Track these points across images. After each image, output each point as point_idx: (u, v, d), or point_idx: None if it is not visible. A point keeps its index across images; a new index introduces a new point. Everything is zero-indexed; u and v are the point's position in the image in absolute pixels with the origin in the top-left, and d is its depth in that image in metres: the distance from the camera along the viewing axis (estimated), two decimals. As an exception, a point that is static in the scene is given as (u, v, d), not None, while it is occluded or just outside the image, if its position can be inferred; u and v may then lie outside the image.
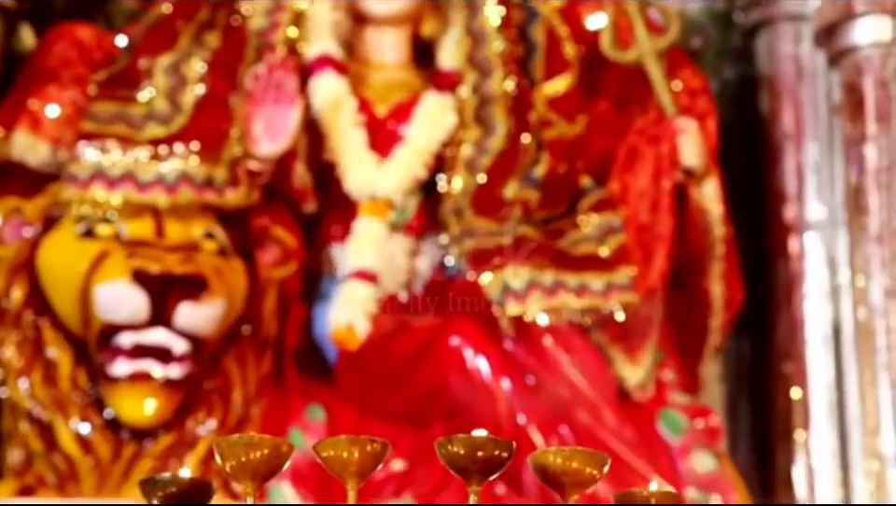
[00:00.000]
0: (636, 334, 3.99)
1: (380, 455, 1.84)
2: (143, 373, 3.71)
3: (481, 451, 1.83)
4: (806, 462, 4.21)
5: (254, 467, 1.86)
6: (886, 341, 4.12)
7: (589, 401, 3.88)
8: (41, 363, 3.80)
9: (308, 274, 4.06)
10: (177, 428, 3.78)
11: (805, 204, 4.39)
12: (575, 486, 1.87)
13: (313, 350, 4.01)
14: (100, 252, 3.75)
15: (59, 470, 3.75)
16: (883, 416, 4.08)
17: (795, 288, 4.34)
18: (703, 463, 3.96)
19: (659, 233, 4.06)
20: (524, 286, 3.88)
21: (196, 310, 3.70)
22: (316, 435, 3.81)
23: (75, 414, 3.77)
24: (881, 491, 4.05)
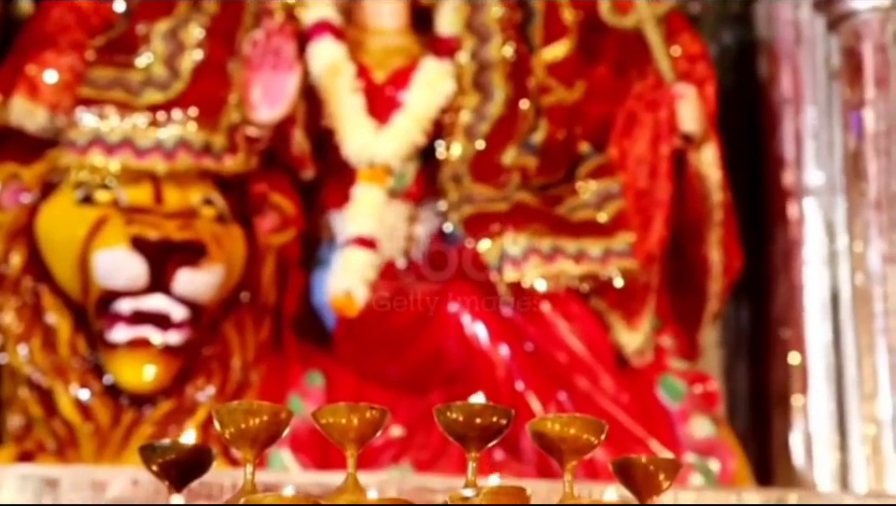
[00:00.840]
0: (634, 300, 3.99)
1: (379, 421, 1.85)
2: (142, 340, 3.72)
3: (479, 418, 1.83)
4: (804, 427, 4.22)
5: (253, 434, 1.86)
6: (883, 306, 4.13)
7: (587, 367, 3.89)
8: (40, 329, 3.80)
9: (307, 240, 4.07)
10: (176, 395, 3.78)
11: (803, 170, 4.39)
12: (573, 453, 1.87)
13: (311, 317, 4.01)
14: (98, 218, 3.74)
15: (58, 436, 3.76)
16: (880, 381, 4.09)
17: (793, 254, 4.34)
18: (701, 428, 3.97)
19: (657, 199, 4.06)
20: (522, 252, 3.88)
21: (195, 276, 3.70)
22: (315, 401, 3.82)
23: (74, 380, 3.77)
24: (878, 455, 4.06)
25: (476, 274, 3.89)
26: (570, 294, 3.92)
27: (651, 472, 1.88)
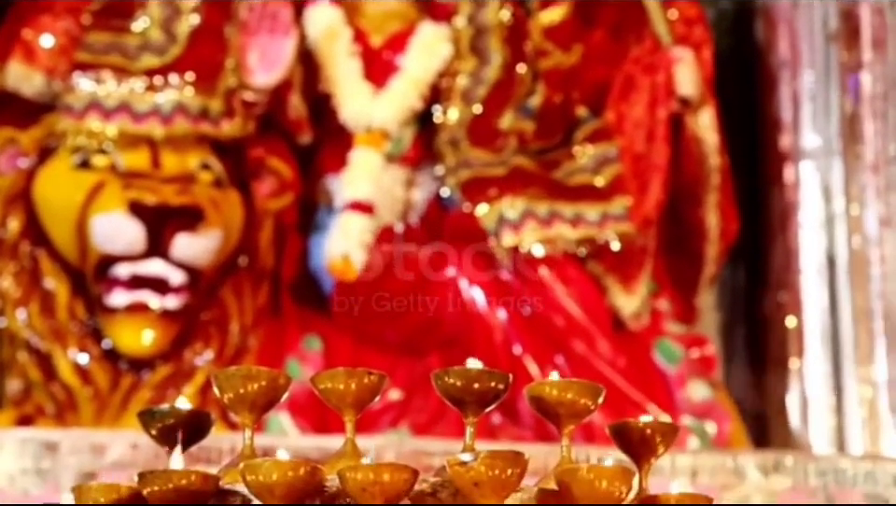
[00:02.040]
0: (631, 264, 4.00)
1: (377, 387, 1.85)
2: (140, 304, 3.73)
3: (477, 383, 1.83)
4: (800, 390, 4.23)
5: (252, 398, 1.87)
6: (880, 269, 4.13)
7: (584, 331, 3.90)
8: (39, 294, 3.81)
9: (304, 205, 4.07)
10: (175, 359, 3.80)
11: (800, 133, 4.39)
12: (570, 417, 1.88)
13: (309, 281, 4.02)
14: (96, 183, 3.75)
15: (57, 400, 3.77)
16: (876, 344, 4.10)
17: (790, 217, 4.34)
18: (698, 392, 3.98)
19: (654, 163, 4.07)
20: (519, 216, 3.89)
21: (192, 241, 3.71)
22: (313, 365, 3.83)
23: (73, 345, 3.78)
24: (873, 418, 4.07)
25: (473, 238, 3.90)
26: (567, 258, 3.93)
27: (647, 436, 1.88)
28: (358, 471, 1.71)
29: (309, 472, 1.73)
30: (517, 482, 1.73)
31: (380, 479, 1.70)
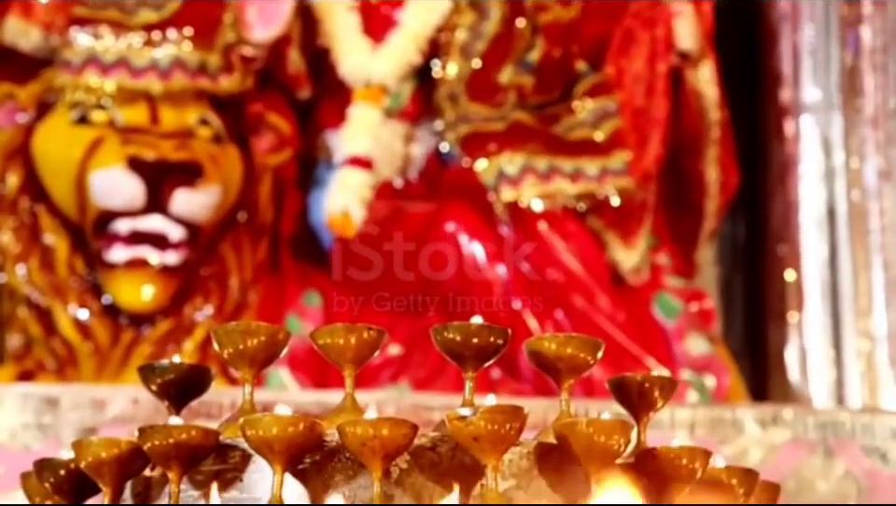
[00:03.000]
0: (630, 219, 4.00)
1: (376, 342, 1.86)
2: (140, 260, 3.73)
3: (476, 338, 1.84)
4: (799, 343, 4.23)
5: (251, 354, 1.87)
6: (879, 223, 4.14)
7: (584, 286, 3.90)
8: (38, 249, 3.81)
9: (303, 160, 4.06)
10: (175, 314, 3.80)
11: (800, 87, 4.38)
12: (569, 372, 1.88)
13: (309, 237, 4.02)
14: (94, 139, 3.74)
15: (58, 355, 3.78)
16: (875, 297, 4.10)
17: (790, 171, 4.34)
18: (697, 346, 3.99)
19: (654, 117, 4.06)
20: (518, 171, 3.88)
21: (192, 197, 3.71)
22: (313, 321, 3.83)
23: (73, 300, 3.79)
24: (872, 371, 4.08)
25: (473, 193, 3.89)
26: (567, 213, 3.93)
27: (646, 390, 1.89)
28: (358, 426, 1.72)
29: (308, 427, 1.74)
30: (516, 436, 1.74)
31: (379, 434, 1.71)
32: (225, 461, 1.81)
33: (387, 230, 3.90)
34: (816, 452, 3.39)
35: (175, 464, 1.77)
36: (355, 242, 3.87)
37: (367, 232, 3.87)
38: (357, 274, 3.92)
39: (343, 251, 3.90)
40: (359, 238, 3.87)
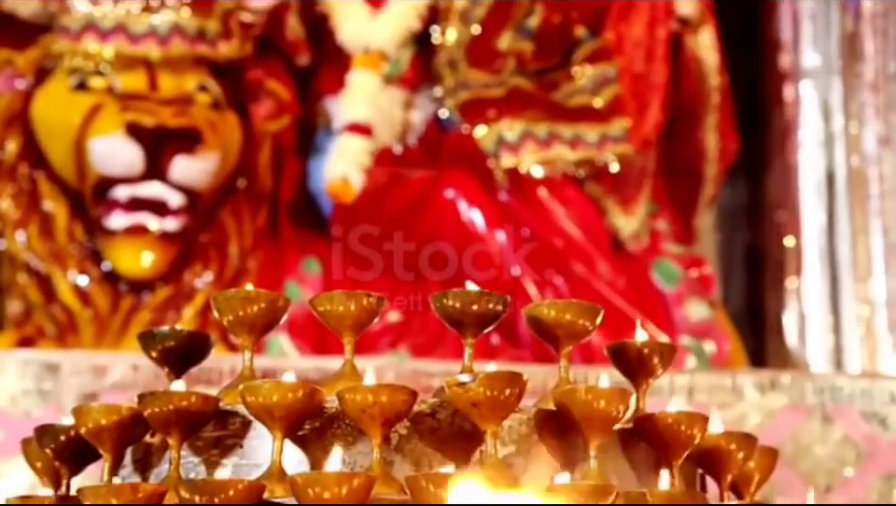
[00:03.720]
0: (630, 185, 4.00)
1: (375, 309, 1.86)
2: (139, 226, 3.73)
3: (475, 305, 1.84)
4: (798, 308, 4.24)
5: (251, 321, 1.88)
6: (879, 188, 4.14)
7: (583, 252, 3.91)
8: (38, 216, 3.82)
9: (302, 127, 4.06)
10: (175, 281, 3.80)
11: (800, 52, 4.37)
12: (568, 338, 1.89)
13: (308, 203, 4.02)
14: (93, 105, 3.74)
15: (58, 322, 3.78)
16: (874, 263, 4.11)
17: (789, 136, 4.34)
18: (696, 311, 4.00)
19: (654, 83, 4.06)
20: (518, 137, 3.88)
21: (191, 163, 3.71)
22: (313, 287, 3.84)
23: (72, 267, 3.79)
24: (871, 336, 4.09)
25: (472, 160, 3.89)
26: (566, 179, 3.93)
27: (645, 356, 1.89)
28: (357, 393, 1.72)
29: (308, 394, 1.74)
30: (515, 402, 1.74)
31: (379, 400, 1.71)
32: (225, 428, 1.82)
33: (387, 196, 3.90)
34: (814, 417, 3.40)
35: (175, 430, 1.78)
36: (354, 208, 3.88)
37: (366, 199, 3.87)
38: (357, 241, 3.93)
39: (342, 217, 3.91)
40: (358, 204, 3.87)
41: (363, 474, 1.65)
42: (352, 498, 1.61)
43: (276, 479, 1.71)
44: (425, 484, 1.61)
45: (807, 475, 3.37)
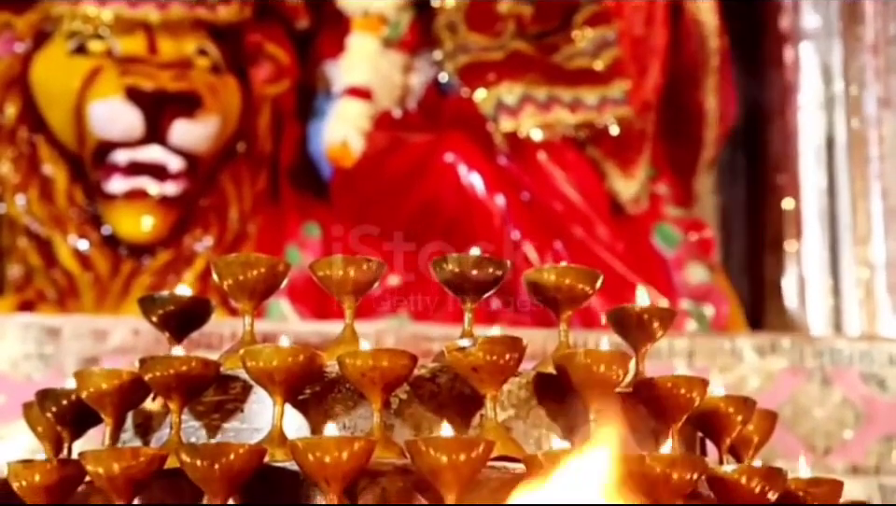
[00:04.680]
0: (630, 148, 4.00)
1: (375, 274, 1.85)
2: (139, 191, 3.73)
3: (475, 270, 1.84)
4: (798, 271, 4.24)
5: (251, 286, 1.87)
6: (878, 151, 4.13)
7: (583, 216, 3.91)
8: (37, 179, 3.82)
9: (302, 91, 4.06)
10: (175, 245, 3.81)
11: (800, 14, 4.36)
12: (568, 303, 1.88)
13: (308, 167, 4.02)
14: (92, 69, 3.73)
15: (58, 286, 3.79)
16: (874, 225, 4.11)
17: (789, 99, 4.33)
18: (696, 275, 4.00)
19: (653, 46, 4.05)
20: (517, 101, 3.88)
21: (190, 127, 3.71)
22: (313, 252, 3.84)
23: (72, 231, 3.79)
24: (870, 299, 4.09)
25: (472, 123, 3.89)
26: (566, 143, 3.93)
27: (645, 321, 1.89)
28: (358, 357, 1.72)
29: (308, 358, 1.74)
30: (515, 367, 1.74)
31: (379, 365, 1.71)
32: (226, 392, 1.82)
33: (386, 160, 3.90)
34: (813, 379, 3.41)
35: (176, 395, 1.78)
36: (354, 172, 3.88)
37: (366, 163, 3.87)
38: (357, 205, 3.93)
39: (342, 181, 3.91)
40: (358, 168, 3.87)
41: (363, 438, 1.66)
42: (352, 462, 1.61)
43: (277, 443, 1.72)
44: (425, 448, 1.62)
45: (806, 437, 3.38)
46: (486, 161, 3.88)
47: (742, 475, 1.75)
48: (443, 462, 1.61)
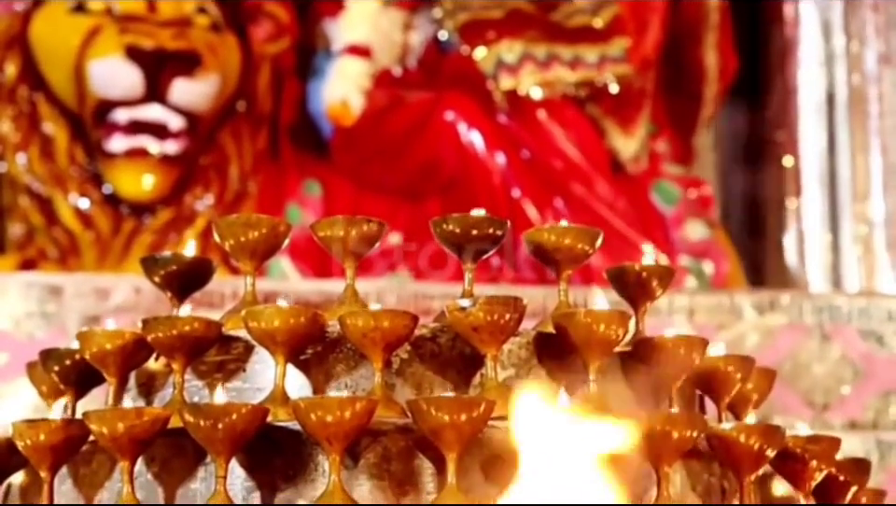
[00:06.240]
0: (629, 106, 3.99)
1: (377, 234, 1.86)
2: (139, 149, 3.73)
3: (475, 229, 1.84)
4: (797, 228, 4.25)
5: (252, 246, 1.88)
6: (878, 107, 4.13)
7: (583, 174, 3.91)
8: (38, 138, 3.81)
9: (302, 49, 4.05)
10: (176, 204, 3.81)
11: (800, -31, 4.35)
12: (568, 262, 1.89)
13: (308, 126, 4.02)
14: (92, 27, 3.73)
15: (60, 244, 3.79)
16: (873, 182, 4.11)
17: (789, 55, 4.32)
18: (696, 231, 4.01)
19: (653, 3, 4.04)
20: (517, 59, 3.87)
21: (190, 86, 3.70)
22: (313, 210, 3.84)
23: (73, 190, 3.80)
24: (869, 255, 4.10)
25: (472, 81, 3.88)
26: (566, 101, 3.93)
27: (644, 280, 1.90)
28: (359, 318, 1.73)
29: (310, 319, 1.75)
30: (515, 326, 1.75)
31: (380, 325, 1.72)
32: (228, 352, 1.83)
33: (386, 119, 3.90)
34: (812, 336, 3.42)
35: (178, 355, 1.79)
36: (354, 130, 3.88)
37: (366, 121, 3.86)
38: (357, 163, 3.93)
39: (342, 140, 3.91)
40: (358, 127, 3.87)
41: (365, 398, 1.67)
42: (354, 421, 1.62)
43: (279, 403, 1.73)
44: (426, 407, 1.63)
45: (805, 393, 3.39)
46: (486, 120, 3.88)
47: (741, 433, 1.76)
48: (445, 421, 1.62)
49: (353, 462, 1.69)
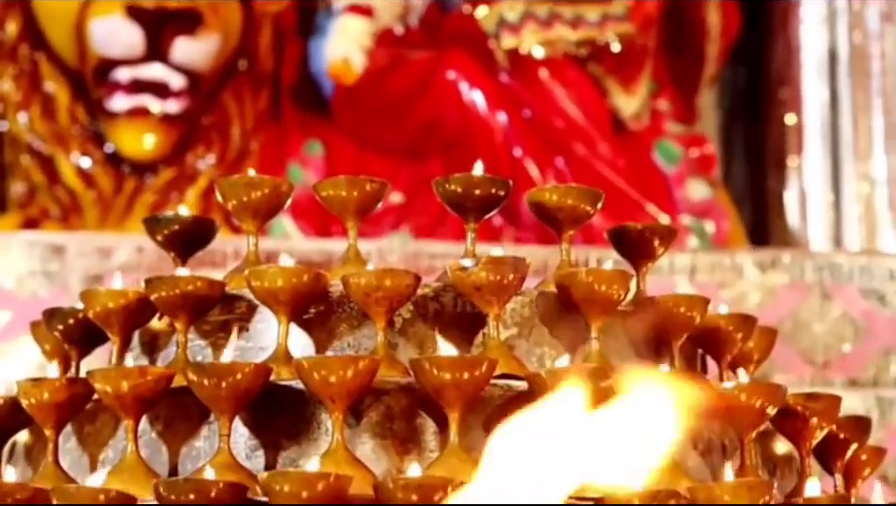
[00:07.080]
0: (631, 65, 3.99)
1: (379, 194, 1.86)
2: (141, 108, 3.73)
3: (477, 189, 1.84)
4: (799, 186, 4.24)
5: (254, 206, 1.88)
6: (881, 65, 4.12)
7: (584, 133, 3.90)
8: (39, 97, 3.81)
9: (303, 8, 4.03)
10: (177, 163, 3.81)
11: (803, -73, 4.33)
12: (570, 222, 1.89)
13: (310, 85, 4.01)
14: (93, -14, 3.72)
15: (62, 203, 3.80)
16: (875, 140, 4.11)
17: (791, 13, 4.31)
18: (697, 190, 4.01)
19: (655, -39, 4.03)
20: (519, 18, 3.86)
21: (192, 45, 3.70)
22: (315, 169, 3.84)
23: (75, 148, 3.80)
24: (871, 213, 4.10)
25: (473, 40, 3.88)
26: (568, 60, 3.92)
27: (645, 239, 1.90)
28: (361, 277, 1.73)
29: (313, 278, 1.75)
30: (518, 286, 1.76)
31: (382, 284, 1.72)
32: (231, 311, 1.83)
33: (388, 77, 3.89)
34: (813, 294, 3.43)
35: (182, 314, 1.79)
36: (355, 89, 3.87)
37: (367, 80, 3.86)
38: (359, 122, 3.93)
39: (344, 99, 3.90)
40: (360, 86, 3.86)
41: (368, 357, 1.67)
42: (357, 380, 1.63)
43: (282, 362, 1.73)
44: (428, 366, 1.63)
45: (806, 351, 3.40)
46: (488, 79, 3.88)
47: (742, 391, 1.76)
48: (447, 380, 1.63)
49: (356, 421, 1.69)
